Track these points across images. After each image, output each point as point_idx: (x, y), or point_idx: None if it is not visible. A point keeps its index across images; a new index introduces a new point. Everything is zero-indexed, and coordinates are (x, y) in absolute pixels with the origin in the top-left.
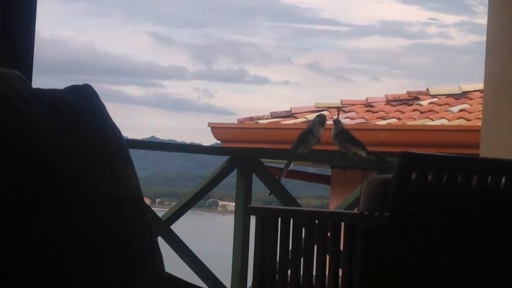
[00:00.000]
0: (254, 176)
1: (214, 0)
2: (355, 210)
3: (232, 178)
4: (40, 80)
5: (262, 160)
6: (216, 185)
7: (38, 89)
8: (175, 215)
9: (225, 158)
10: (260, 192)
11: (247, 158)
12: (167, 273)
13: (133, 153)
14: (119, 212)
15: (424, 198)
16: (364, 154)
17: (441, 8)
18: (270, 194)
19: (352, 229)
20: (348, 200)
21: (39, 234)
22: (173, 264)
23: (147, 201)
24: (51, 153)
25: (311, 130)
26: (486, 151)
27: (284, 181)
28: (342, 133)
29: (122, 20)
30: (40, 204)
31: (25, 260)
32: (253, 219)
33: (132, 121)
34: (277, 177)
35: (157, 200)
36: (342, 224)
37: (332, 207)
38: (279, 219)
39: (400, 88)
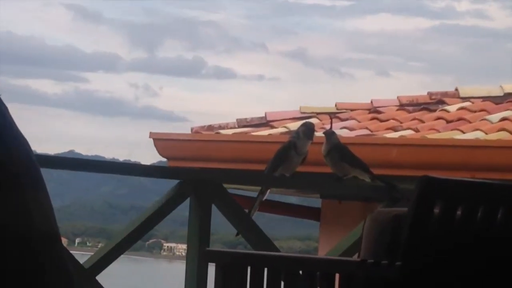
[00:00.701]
0: (214, 208)
1: None
2: (355, 257)
3: (183, 211)
4: None
5: (225, 185)
6: (160, 220)
7: None
8: (103, 262)
9: (174, 182)
10: (222, 231)
11: (205, 183)
12: None
13: (45, 173)
14: (27, 255)
15: (450, 240)
16: (367, 179)
17: None
18: (237, 234)
19: (350, 282)
20: (345, 242)
21: None
22: None
23: (63, 241)
24: None
25: (294, 145)
26: None
27: (257, 215)
28: (337, 150)
29: None
30: None
31: None
32: (211, 268)
33: (44, 129)
34: (246, 210)
35: (77, 241)
36: (337, 275)
37: (322, 252)
38: (248, 268)
39: (418, 87)
